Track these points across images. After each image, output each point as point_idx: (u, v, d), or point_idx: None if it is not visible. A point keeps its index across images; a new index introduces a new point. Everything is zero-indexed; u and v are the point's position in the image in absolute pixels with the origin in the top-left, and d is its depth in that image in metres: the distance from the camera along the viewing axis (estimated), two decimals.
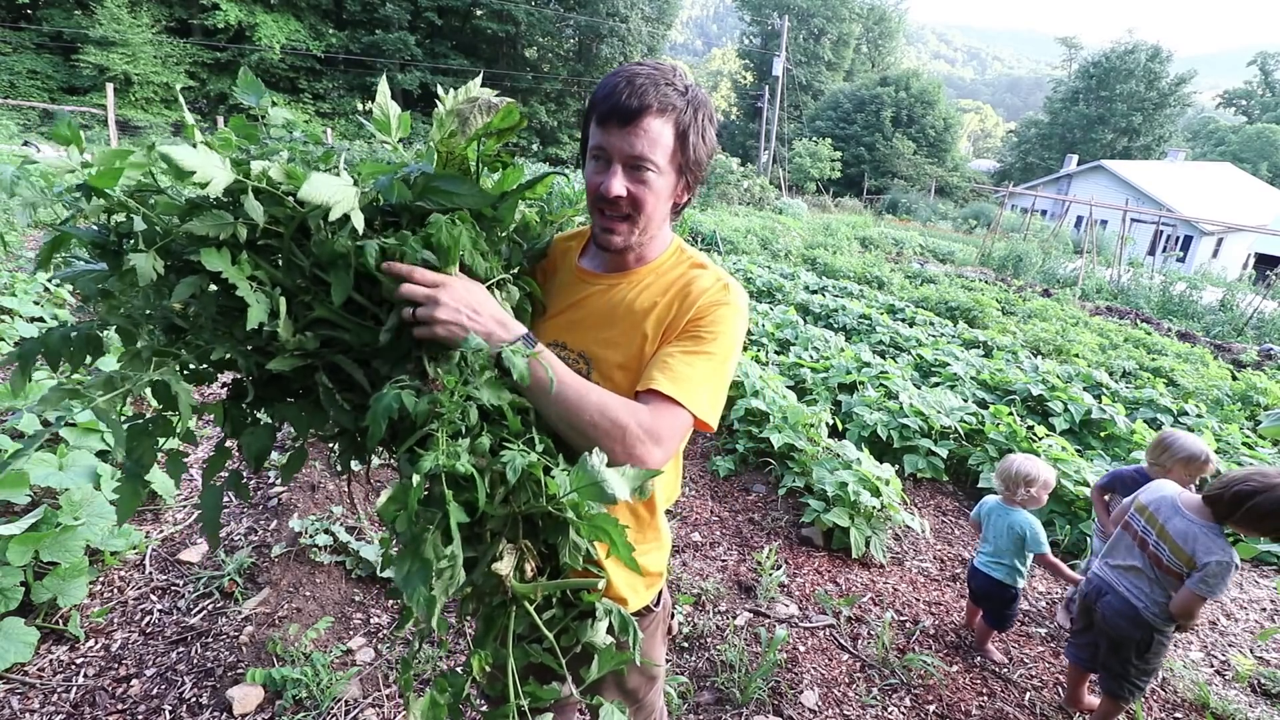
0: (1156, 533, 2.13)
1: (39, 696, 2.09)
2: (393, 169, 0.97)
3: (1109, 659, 2.27)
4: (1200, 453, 2.57)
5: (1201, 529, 2.03)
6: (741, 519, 3.64)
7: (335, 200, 0.85)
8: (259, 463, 1.03)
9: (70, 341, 0.92)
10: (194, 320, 0.92)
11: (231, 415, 1.02)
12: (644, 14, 34.74)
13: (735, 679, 2.42)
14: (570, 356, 1.12)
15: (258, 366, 0.94)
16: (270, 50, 26.53)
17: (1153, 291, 13.88)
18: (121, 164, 0.83)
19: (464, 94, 1.01)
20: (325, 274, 0.92)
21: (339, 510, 3.08)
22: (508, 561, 0.90)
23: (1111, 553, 2.32)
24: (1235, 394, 6.56)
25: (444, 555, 0.81)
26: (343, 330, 0.95)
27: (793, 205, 23.47)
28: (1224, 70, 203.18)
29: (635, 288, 1.13)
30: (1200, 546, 2.01)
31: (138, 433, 0.96)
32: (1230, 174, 33.09)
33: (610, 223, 1.07)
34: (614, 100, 0.98)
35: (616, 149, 1.01)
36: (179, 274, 0.87)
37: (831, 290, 9.87)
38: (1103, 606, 2.25)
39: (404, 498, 0.81)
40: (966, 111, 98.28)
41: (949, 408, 4.66)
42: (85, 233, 0.88)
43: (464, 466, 0.82)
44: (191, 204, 0.87)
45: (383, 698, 2.24)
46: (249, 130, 1.00)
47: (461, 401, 0.87)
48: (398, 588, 0.82)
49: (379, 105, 1.03)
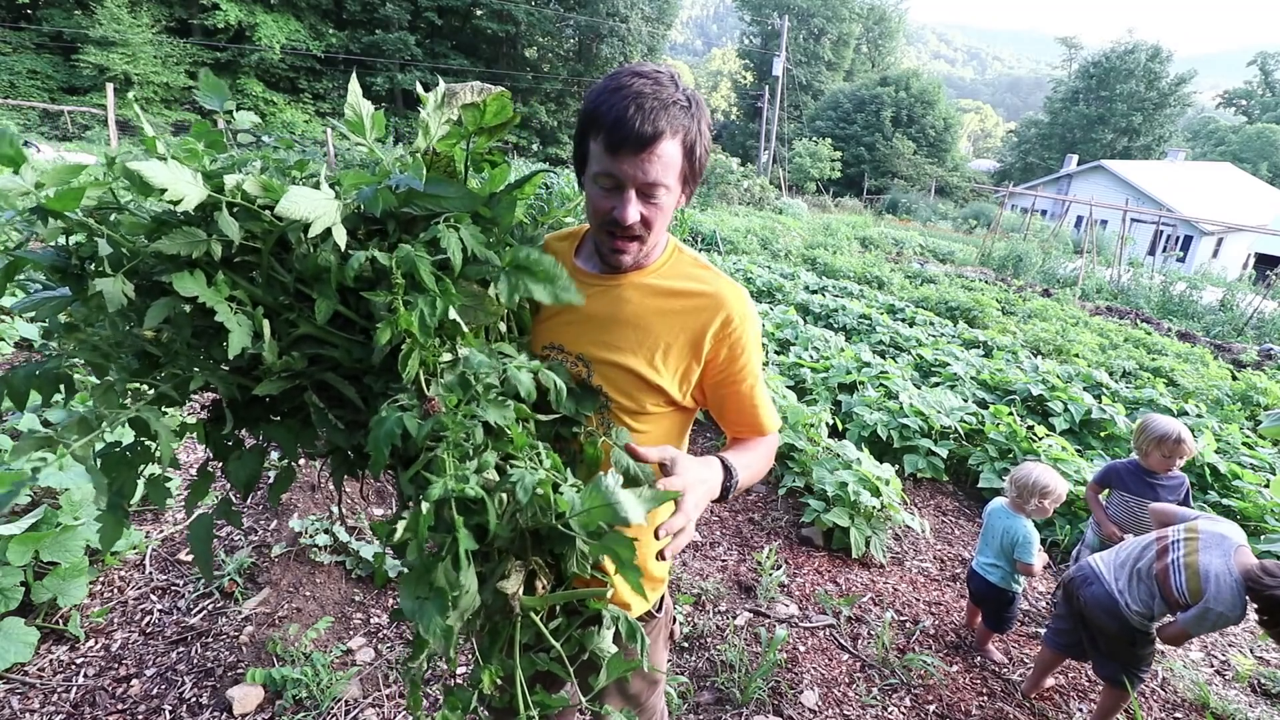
0: (1185, 554, 2.08)
1: (39, 696, 2.09)
2: (376, 179, 0.93)
3: (1098, 648, 2.27)
4: (1170, 432, 2.59)
5: (1232, 582, 1.96)
6: (741, 519, 3.64)
7: (316, 215, 0.81)
8: (248, 490, 0.99)
9: (35, 380, 0.87)
10: (168, 346, 0.86)
11: (213, 437, 0.98)
12: (644, 14, 34.72)
13: (735, 679, 2.42)
14: (569, 359, 1.11)
15: (241, 390, 0.89)
16: (270, 50, 26.51)
17: (1153, 291, 13.88)
18: (80, 184, 0.77)
19: (444, 90, 0.99)
20: (309, 289, 0.88)
21: (339, 510, 3.08)
22: (515, 579, 0.89)
23: (1123, 550, 2.29)
24: (1235, 394, 6.56)
25: (457, 583, 0.79)
26: (331, 347, 0.92)
27: (793, 205, 23.47)
28: (1224, 70, 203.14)
29: (636, 289, 1.12)
30: (1215, 590, 1.96)
31: (116, 462, 0.92)
32: (1230, 174, 33.07)
33: (621, 244, 1.06)
34: (626, 129, 0.95)
35: (630, 176, 0.98)
36: (149, 296, 0.82)
37: (831, 290, 9.87)
38: (1085, 595, 2.26)
39: (414, 526, 0.78)
40: (966, 111, 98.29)
41: (949, 408, 4.66)
42: (43, 256, 0.82)
43: (473, 490, 0.80)
44: (159, 221, 0.81)
45: (383, 698, 2.24)
46: (215, 137, 0.94)
47: (466, 421, 0.84)
48: (403, 613, 0.80)
49: (351, 105, 0.97)
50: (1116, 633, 2.18)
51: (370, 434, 0.82)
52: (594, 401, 1.08)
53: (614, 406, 1.10)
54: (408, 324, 0.85)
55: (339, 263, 0.86)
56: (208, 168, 0.87)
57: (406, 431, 0.82)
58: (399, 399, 0.87)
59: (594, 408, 1.08)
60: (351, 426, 0.96)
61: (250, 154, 0.95)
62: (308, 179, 0.95)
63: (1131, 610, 2.14)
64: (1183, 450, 2.60)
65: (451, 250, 0.90)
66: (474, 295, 0.96)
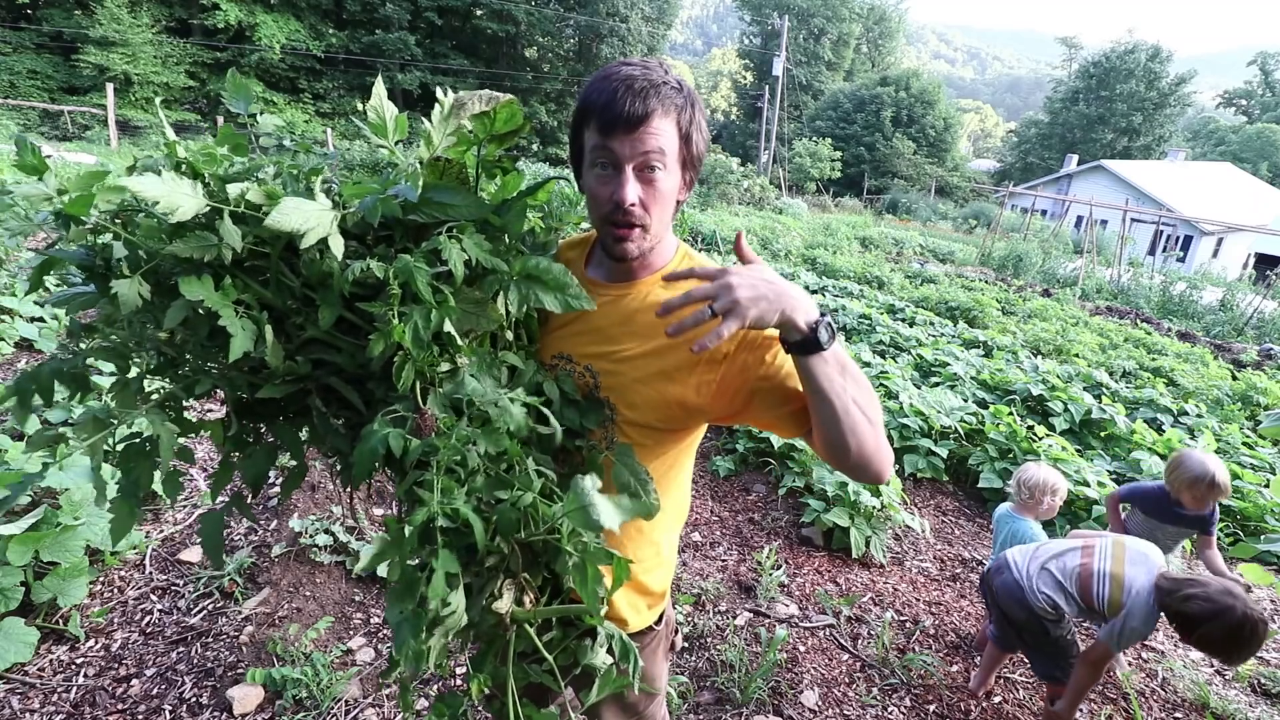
0: (1112, 565, 2.10)
1: (39, 696, 2.09)
2: (378, 190, 0.92)
3: (1025, 642, 2.28)
4: (1203, 475, 2.46)
5: (1148, 597, 2.00)
6: (741, 519, 3.64)
7: (308, 227, 0.81)
8: (257, 486, 0.99)
9: (62, 376, 0.90)
10: (182, 347, 0.88)
11: (230, 435, 0.99)
12: (644, 14, 34.70)
13: (735, 679, 2.42)
14: (576, 369, 1.08)
15: (250, 387, 0.90)
16: (270, 50, 26.49)
17: (1153, 291, 13.88)
18: (94, 190, 0.79)
19: (452, 101, 0.98)
20: (315, 293, 0.88)
21: (339, 510, 3.08)
22: (507, 599, 0.88)
23: (1042, 546, 2.31)
24: (1235, 394, 6.57)
25: (441, 603, 0.78)
26: (335, 351, 0.91)
27: (793, 205, 23.47)
28: (1224, 70, 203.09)
29: (646, 298, 1.09)
30: (1132, 603, 2.00)
31: (134, 453, 0.93)
32: (1230, 174, 33.07)
33: (623, 231, 1.02)
34: (618, 108, 0.94)
35: (626, 155, 0.97)
36: (168, 297, 0.83)
37: (831, 290, 9.86)
38: (996, 583, 2.29)
39: (397, 547, 0.77)
40: (966, 111, 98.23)
41: (949, 407, 4.66)
42: (72, 255, 0.85)
43: (464, 511, 0.79)
44: (177, 224, 0.83)
45: (382, 698, 2.24)
46: (238, 140, 0.95)
47: (460, 446, 0.82)
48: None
49: (374, 107, 0.97)
50: (1026, 620, 2.20)
51: (357, 448, 0.82)
52: (599, 414, 1.06)
53: (619, 419, 1.07)
54: (400, 336, 0.84)
55: (340, 271, 0.86)
56: (224, 173, 0.88)
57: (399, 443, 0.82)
58: (396, 408, 0.86)
59: (599, 421, 1.06)
60: (354, 430, 0.96)
61: (264, 160, 0.95)
62: (313, 187, 0.95)
63: (1037, 597, 2.15)
64: (1216, 494, 2.47)
65: (453, 262, 0.88)
66: (475, 303, 0.94)
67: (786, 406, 1.03)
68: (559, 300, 0.96)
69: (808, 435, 1.02)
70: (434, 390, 0.90)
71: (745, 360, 1.03)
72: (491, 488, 0.85)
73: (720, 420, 1.12)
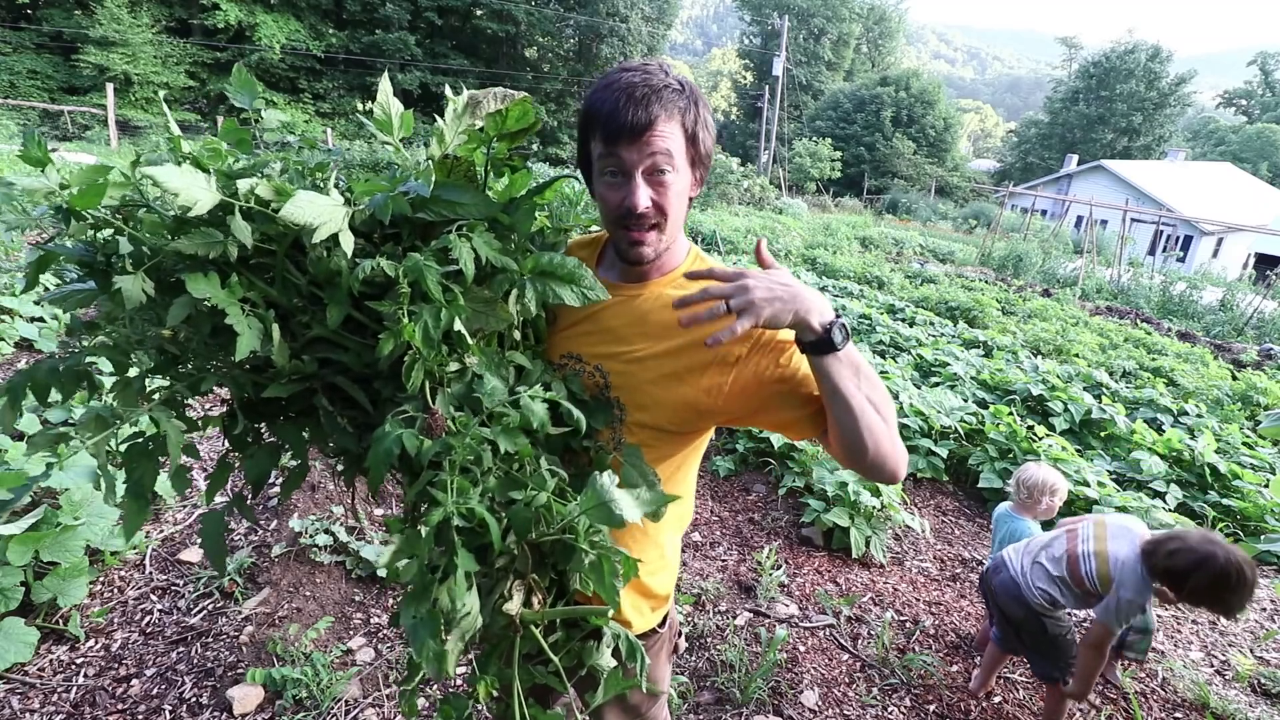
0: (1094, 544, 2.12)
1: (39, 696, 2.09)
2: (389, 187, 0.92)
3: (1024, 642, 2.28)
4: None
5: (1136, 565, 2.00)
6: (741, 519, 3.64)
7: (320, 221, 0.80)
8: (258, 486, 0.99)
9: (58, 375, 0.88)
10: (185, 345, 0.87)
11: (232, 433, 0.99)
12: (644, 14, 34.69)
13: (735, 679, 2.42)
14: (586, 369, 1.08)
15: (254, 386, 0.89)
16: (270, 50, 26.48)
17: (1153, 291, 13.88)
18: (102, 184, 0.78)
19: (466, 98, 0.98)
20: (322, 291, 0.88)
21: (339, 510, 3.08)
22: (517, 600, 0.88)
23: (1033, 540, 2.33)
24: (1235, 394, 6.57)
25: (456, 605, 0.77)
26: (342, 350, 0.91)
27: (793, 205, 23.47)
28: (1224, 70, 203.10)
29: (657, 299, 1.08)
30: (1121, 575, 2.00)
31: (139, 453, 0.92)
32: (1230, 174, 33.07)
33: (638, 234, 1.02)
34: (621, 118, 0.95)
35: (633, 161, 0.97)
36: (171, 293, 0.82)
37: (831, 290, 9.87)
38: (994, 582, 2.30)
39: (414, 547, 0.77)
40: (966, 111, 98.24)
41: (949, 408, 4.66)
42: (72, 251, 0.83)
43: (479, 511, 0.78)
44: (180, 220, 0.82)
45: (383, 698, 2.24)
46: (242, 135, 0.94)
47: (475, 445, 0.82)
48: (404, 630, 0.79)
49: (380, 105, 0.97)
50: (1025, 618, 2.21)
51: (370, 450, 0.81)
52: (608, 415, 1.05)
53: (628, 421, 1.07)
54: (410, 335, 0.83)
55: (349, 269, 0.86)
56: (230, 169, 0.87)
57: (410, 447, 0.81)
58: (405, 408, 0.85)
59: (607, 421, 1.05)
60: (361, 429, 0.96)
61: (270, 155, 0.94)
62: (323, 182, 0.94)
63: (1034, 592, 2.16)
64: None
65: (464, 260, 0.88)
66: (485, 302, 0.94)
67: (804, 409, 1.03)
68: (576, 293, 0.96)
69: (823, 437, 1.03)
70: (442, 390, 0.89)
71: (759, 363, 1.03)
72: (505, 488, 0.85)
73: (733, 422, 1.12)
